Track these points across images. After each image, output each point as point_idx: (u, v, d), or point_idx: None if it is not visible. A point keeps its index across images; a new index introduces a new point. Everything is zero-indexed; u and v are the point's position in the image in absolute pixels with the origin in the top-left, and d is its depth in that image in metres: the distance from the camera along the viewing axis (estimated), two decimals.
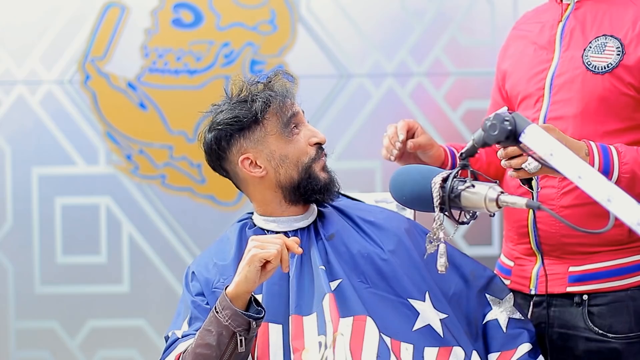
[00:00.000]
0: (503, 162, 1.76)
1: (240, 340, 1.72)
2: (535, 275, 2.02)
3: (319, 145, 1.90)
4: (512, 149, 1.72)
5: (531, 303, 2.03)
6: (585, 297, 1.97)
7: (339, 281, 1.83)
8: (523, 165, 1.72)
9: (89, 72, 2.89)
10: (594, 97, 1.92)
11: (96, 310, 2.91)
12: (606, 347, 1.95)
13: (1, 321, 2.92)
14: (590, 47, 1.94)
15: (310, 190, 1.88)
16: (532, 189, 1.84)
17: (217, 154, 1.91)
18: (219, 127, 1.88)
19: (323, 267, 1.83)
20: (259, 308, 1.76)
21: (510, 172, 1.78)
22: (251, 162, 1.88)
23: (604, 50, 1.92)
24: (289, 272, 1.84)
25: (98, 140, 2.90)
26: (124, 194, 2.90)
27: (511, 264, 2.08)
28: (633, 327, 1.94)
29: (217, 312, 1.73)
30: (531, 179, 1.83)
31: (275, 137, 1.86)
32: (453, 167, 2.13)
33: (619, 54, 1.90)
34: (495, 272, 2.13)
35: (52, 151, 2.90)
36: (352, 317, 1.78)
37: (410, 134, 2.05)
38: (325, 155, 1.92)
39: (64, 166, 2.90)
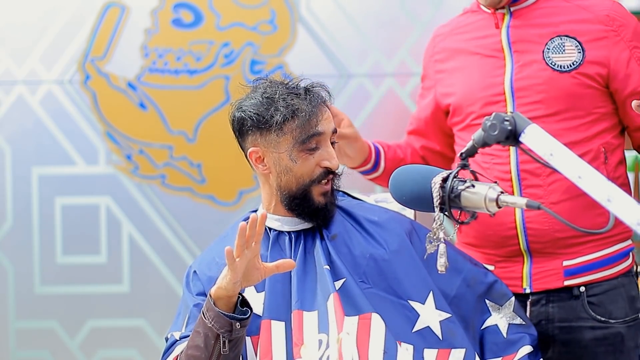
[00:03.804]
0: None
1: (224, 341, 1.72)
2: (527, 274, 2.07)
3: (328, 170, 1.88)
4: None
5: (528, 302, 2.06)
6: (582, 288, 2.04)
7: (343, 280, 1.83)
8: None
9: (89, 72, 2.89)
10: (563, 95, 2.02)
11: (96, 310, 2.91)
12: (611, 332, 2.03)
13: (1, 321, 2.92)
14: (548, 48, 2.03)
15: (301, 209, 1.88)
16: None
17: (236, 134, 1.93)
18: (242, 112, 1.88)
19: (328, 267, 1.83)
20: (246, 308, 1.76)
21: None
22: (259, 157, 1.88)
23: (564, 50, 2.03)
24: (290, 271, 1.84)
25: (98, 140, 2.90)
26: (124, 194, 2.90)
27: (491, 267, 2.10)
28: (628, 311, 2.05)
29: (203, 313, 1.74)
30: None
31: (287, 149, 1.86)
32: (376, 163, 2.22)
33: (580, 52, 2.02)
34: None
35: (52, 151, 2.90)
36: (357, 317, 1.78)
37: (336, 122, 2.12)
38: (333, 182, 1.90)
39: (64, 166, 2.90)
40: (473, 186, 1.53)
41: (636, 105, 1.79)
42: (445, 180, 1.56)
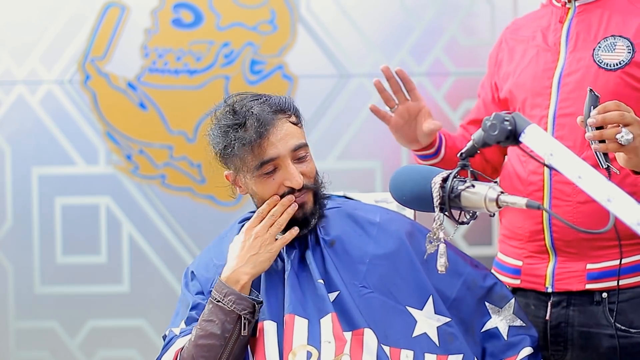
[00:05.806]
0: (590, 134, 1.73)
1: (244, 323, 1.76)
2: (551, 273, 2.05)
3: (293, 189, 1.85)
4: (612, 115, 1.71)
5: (549, 304, 2.05)
6: (604, 294, 2.00)
7: (337, 293, 1.83)
8: (617, 137, 1.71)
9: (89, 72, 2.89)
10: (606, 94, 1.96)
11: (96, 310, 2.91)
12: (629, 342, 1.98)
13: (1, 321, 2.92)
14: (599, 47, 2.00)
15: None
16: (609, 172, 1.79)
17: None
18: (210, 138, 1.88)
19: (322, 281, 1.83)
20: (257, 294, 1.82)
21: (595, 146, 1.75)
22: (234, 179, 1.89)
23: (614, 49, 1.99)
24: (284, 275, 1.85)
25: (98, 140, 2.90)
26: (124, 194, 2.90)
27: (519, 263, 2.09)
28: None
29: (218, 301, 1.75)
30: (608, 159, 1.80)
31: (247, 174, 1.85)
32: (438, 149, 2.21)
33: (629, 52, 1.97)
34: (493, 270, 2.13)
35: (52, 151, 2.90)
36: (350, 332, 1.79)
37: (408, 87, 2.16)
38: (317, 191, 1.87)
39: (64, 166, 2.91)
40: (473, 186, 1.53)
41: (580, 121, 1.77)
42: (445, 180, 1.55)
